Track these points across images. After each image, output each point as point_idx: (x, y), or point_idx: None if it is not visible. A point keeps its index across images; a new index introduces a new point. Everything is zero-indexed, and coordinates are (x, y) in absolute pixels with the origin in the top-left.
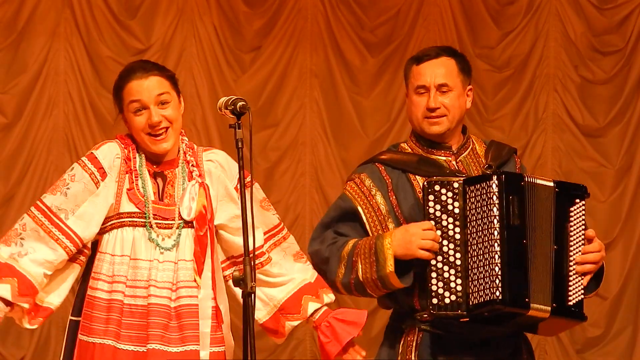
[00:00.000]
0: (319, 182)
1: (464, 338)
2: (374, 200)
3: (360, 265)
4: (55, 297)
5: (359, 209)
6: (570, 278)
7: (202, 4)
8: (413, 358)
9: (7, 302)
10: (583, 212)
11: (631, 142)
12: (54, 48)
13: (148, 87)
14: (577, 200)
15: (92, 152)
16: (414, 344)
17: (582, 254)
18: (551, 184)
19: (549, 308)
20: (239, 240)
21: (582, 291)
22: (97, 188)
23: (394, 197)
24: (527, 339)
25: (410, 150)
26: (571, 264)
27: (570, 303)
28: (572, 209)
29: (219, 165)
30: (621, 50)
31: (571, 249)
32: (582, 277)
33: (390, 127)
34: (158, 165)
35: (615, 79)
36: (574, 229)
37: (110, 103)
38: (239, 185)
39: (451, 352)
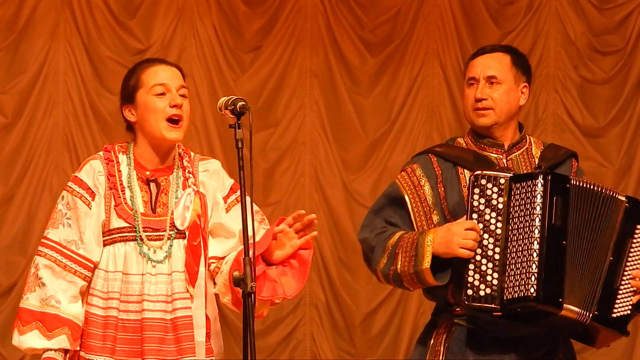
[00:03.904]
0: (319, 182)
1: (495, 335)
2: (422, 191)
3: (400, 258)
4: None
5: (406, 197)
6: (621, 291)
7: (201, 4)
8: (442, 351)
9: (66, 350)
10: None
11: (631, 142)
12: (54, 48)
13: (173, 75)
14: None
15: (75, 175)
16: (444, 337)
17: (634, 277)
18: (623, 198)
19: (583, 311)
20: (214, 244)
21: (630, 307)
22: (90, 209)
23: (442, 188)
24: (569, 343)
25: (465, 145)
26: (625, 278)
27: (615, 315)
28: (639, 226)
29: (213, 175)
30: (621, 50)
31: (628, 264)
32: (634, 294)
33: (390, 127)
34: (152, 170)
35: (615, 79)
36: (637, 246)
37: (110, 103)
38: (232, 195)
39: (481, 347)
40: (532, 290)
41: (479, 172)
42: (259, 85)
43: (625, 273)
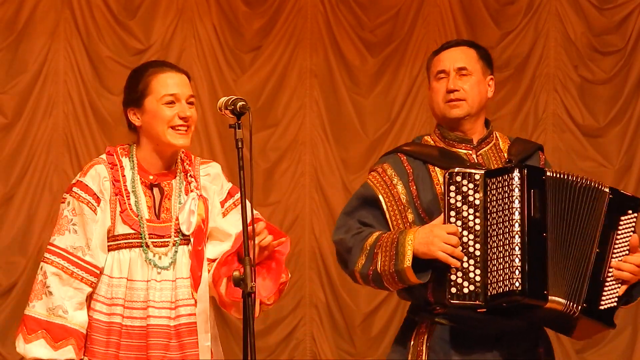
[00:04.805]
0: (319, 182)
1: (477, 331)
2: (395, 190)
3: (380, 258)
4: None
5: (380, 197)
6: (607, 283)
7: (201, 4)
8: (424, 350)
9: None
10: (633, 223)
11: (631, 142)
12: (54, 48)
13: (183, 83)
14: (630, 212)
15: (80, 180)
16: (426, 336)
17: (623, 262)
18: (606, 189)
19: (568, 302)
20: (208, 248)
21: (617, 299)
22: (96, 215)
23: (414, 187)
24: (547, 335)
25: (432, 142)
26: (610, 270)
27: (602, 307)
28: (623, 218)
29: (214, 179)
30: (621, 50)
31: (614, 256)
32: (620, 285)
33: (390, 127)
34: (155, 174)
35: (615, 79)
36: (621, 238)
37: (110, 103)
38: (229, 199)
39: (464, 345)
40: (517, 284)
41: (453, 169)
42: (259, 85)
43: (611, 265)
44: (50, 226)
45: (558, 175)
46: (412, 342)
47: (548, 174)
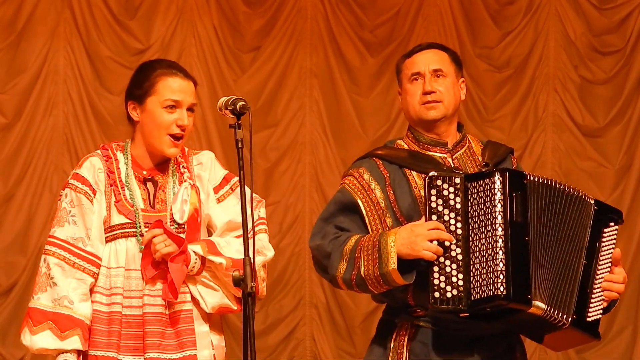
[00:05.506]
0: (319, 182)
1: (457, 334)
2: (373, 194)
3: (362, 262)
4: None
5: (359, 202)
6: (593, 295)
7: (201, 4)
8: (405, 353)
9: (79, 351)
10: (615, 235)
11: (631, 142)
12: (54, 48)
13: (188, 90)
14: (612, 224)
15: (76, 172)
16: (406, 339)
17: (607, 281)
18: (591, 201)
19: (549, 307)
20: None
21: (601, 311)
22: (93, 205)
23: (391, 191)
24: (521, 339)
25: (406, 146)
26: (596, 282)
27: (589, 319)
28: (606, 230)
29: (206, 167)
30: (621, 50)
31: (599, 268)
32: (603, 298)
33: (390, 127)
34: (149, 169)
35: (615, 79)
36: (604, 250)
37: (110, 103)
38: (225, 185)
39: (444, 348)
40: (501, 288)
41: (434, 173)
42: (259, 85)
43: (597, 277)
44: (50, 226)
45: (538, 180)
46: (392, 344)
47: (529, 177)
